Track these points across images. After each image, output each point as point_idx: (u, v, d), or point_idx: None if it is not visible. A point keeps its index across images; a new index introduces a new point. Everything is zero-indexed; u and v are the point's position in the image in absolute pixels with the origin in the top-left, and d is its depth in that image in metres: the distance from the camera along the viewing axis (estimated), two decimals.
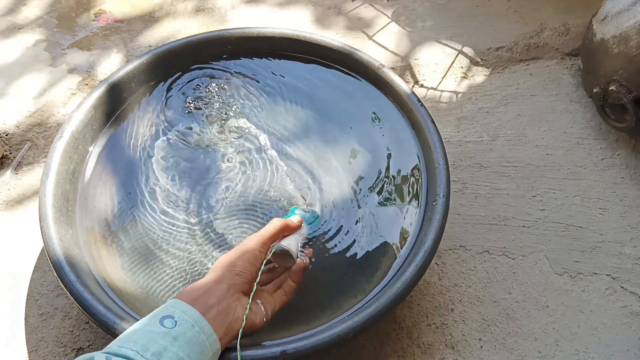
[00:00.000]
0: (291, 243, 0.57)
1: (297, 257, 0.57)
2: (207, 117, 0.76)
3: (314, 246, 0.65)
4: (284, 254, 0.57)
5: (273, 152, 0.68)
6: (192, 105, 0.77)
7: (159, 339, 0.43)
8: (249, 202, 0.68)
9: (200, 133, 0.74)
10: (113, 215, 0.66)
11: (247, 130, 0.75)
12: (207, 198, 0.69)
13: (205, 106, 0.77)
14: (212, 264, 0.63)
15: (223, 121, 0.76)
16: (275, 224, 0.57)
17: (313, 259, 0.63)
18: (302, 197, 0.68)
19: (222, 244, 0.65)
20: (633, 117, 0.77)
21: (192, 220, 0.67)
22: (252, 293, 0.52)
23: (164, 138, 0.74)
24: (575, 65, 0.95)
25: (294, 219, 0.60)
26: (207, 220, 0.67)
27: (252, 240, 0.54)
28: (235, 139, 0.74)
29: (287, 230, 0.59)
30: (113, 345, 0.42)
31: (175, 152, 0.72)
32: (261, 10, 1.06)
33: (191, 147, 0.73)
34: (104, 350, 0.42)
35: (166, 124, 0.75)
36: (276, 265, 0.59)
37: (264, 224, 0.66)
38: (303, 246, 0.62)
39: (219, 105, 0.77)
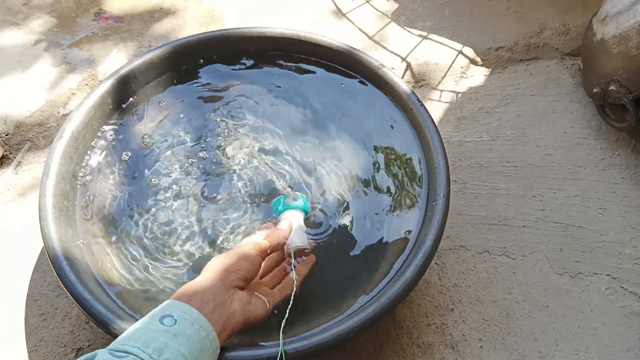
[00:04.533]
0: (304, 240, 0.59)
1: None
2: (207, 117, 0.76)
3: (314, 247, 0.65)
4: (300, 252, 0.59)
5: (257, 155, 0.69)
6: (191, 105, 0.77)
7: (159, 336, 0.43)
8: (249, 202, 0.68)
9: (199, 133, 0.74)
10: (113, 215, 0.66)
11: (238, 131, 0.75)
12: (206, 198, 0.69)
13: (205, 106, 0.77)
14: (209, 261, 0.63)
15: (220, 122, 0.76)
16: (272, 239, 0.58)
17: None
18: (289, 187, 0.68)
19: (222, 244, 0.65)
20: (633, 117, 0.77)
21: (192, 220, 0.67)
22: (289, 307, 0.54)
23: (164, 137, 0.74)
24: (575, 65, 0.95)
25: (283, 225, 0.61)
26: (207, 220, 0.67)
27: (249, 245, 0.55)
28: (230, 140, 0.74)
29: (282, 245, 0.59)
30: (115, 343, 0.43)
31: (174, 152, 0.72)
32: (260, 10, 1.06)
33: (189, 147, 0.73)
34: (107, 348, 0.42)
35: (168, 125, 0.75)
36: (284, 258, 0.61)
37: (264, 220, 0.66)
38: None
39: (218, 105, 0.77)
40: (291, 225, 0.61)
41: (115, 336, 0.49)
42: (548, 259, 0.74)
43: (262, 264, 0.58)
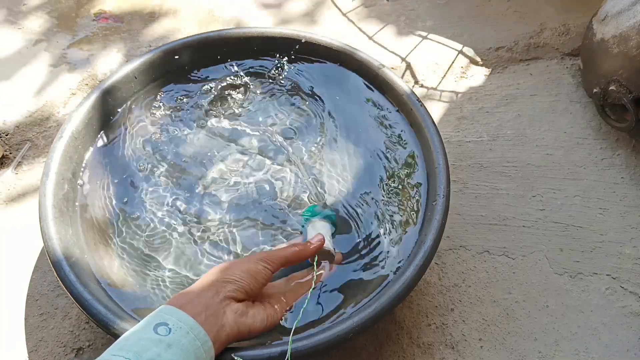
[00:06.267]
0: (329, 246, 0.59)
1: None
2: (205, 118, 0.76)
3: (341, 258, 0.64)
4: (323, 253, 0.58)
5: (288, 148, 0.69)
6: (191, 106, 0.77)
7: (152, 347, 0.42)
8: (252, 203, 0.68)
9: (199, 134, 0.74)
10: (113, 215, 0.66)
11: (241, 131, 0.75)
12: (208, 199, 0.69)
13: (204, 107, 0.77)
14: (212, 264, 0.63)
15: (220, 121, 0.76)
16: (291, 249, 0.56)
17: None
18: (316, 195, 0.68)
19: (222, 245, 0.65)
20: (633, 117, 0.77)
21: (193, 221, 0.67)
22: (302, 307, 0.54)
23: (164, 138, 0.74)
24: (575, 65, 0.95)
25: (314, 239, 0.58)
26: (208, 221, 0.67)
27: (257, 255, 0.53)
28: (230, 140, 0.74)
29: (304, 257, 0.57)
30: (106, 354, 0.42)
31: (175, 153, 0.72)
32: (261, 9, 1.06)
33: (190, 148, 0.73)
34: (97, 359, 0.41)
35: (166, 125, 0.75)
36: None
37: (269, 225, 0.66)
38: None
39: (218, 106, 0.77)
40: (323, 240, 0.58)
41: (115, 336, 0.49)
42: (548, 259, 0.74)
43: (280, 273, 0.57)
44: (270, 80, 0.79)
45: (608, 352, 0.66)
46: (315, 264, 0.57)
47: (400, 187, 0.69)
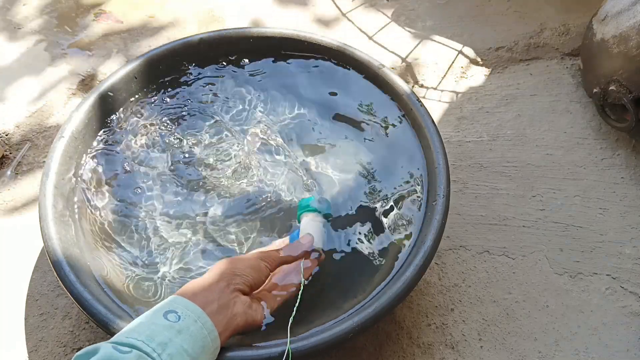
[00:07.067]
0: (318, 242, 0.60)
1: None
2: (206, 117, 0.76)
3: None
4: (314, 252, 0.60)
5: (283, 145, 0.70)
6: (193, 105, 0.77)
7: (163, 331, 0.43)
8: (253, 204, 0.68)
9: (199, 133, 0.74)
10: (113, 215, 0.66)
11: (242, 132, 0.75)
12: (210, 198, 0.69)
13: (205, 106, 0.77)
14: (213, 264, 0.63)
15: (221, 122, 0.76)
16: (286, 253, 0.58)
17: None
18: (310, 190, 0.68)
19: (223, 243, 0.65)
20: (633, 117, 0.77)
21: (193, 220, 0.67)
22: (296, 305, 0.54)
23: (164, 138, 0.74)
24: (575, 65, 0.95)
25: (304, 240, 0.59)
26: (209, 220, 0.67)
27: (258, 254, 0.55)
28: (229, 139, 0.74)
29: (297, 258, 0.58)
30: (119, 336, 0.43)
31: (176, 152, 0.72)
32: (261, 10, 1.06)
33: (191, 147, 0.73)
34: (109, 340, 0.42)
35: (167, 124, 0.75)
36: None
37: (269, 228, 0.66)
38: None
39: (218, 105, 0.77)
40: (311, 240, 0.59)
41: None
42: (548, 259, 0.74)
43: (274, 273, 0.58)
44: (270, 80, 0.79)
45: (608, 352, 0.66)
46: (301, 266, 0.58)
47: (400, 187, 0.69)
